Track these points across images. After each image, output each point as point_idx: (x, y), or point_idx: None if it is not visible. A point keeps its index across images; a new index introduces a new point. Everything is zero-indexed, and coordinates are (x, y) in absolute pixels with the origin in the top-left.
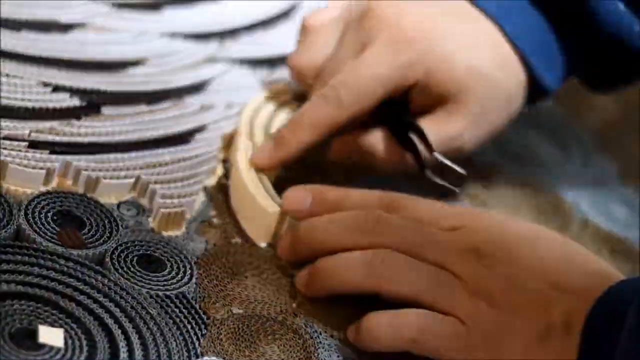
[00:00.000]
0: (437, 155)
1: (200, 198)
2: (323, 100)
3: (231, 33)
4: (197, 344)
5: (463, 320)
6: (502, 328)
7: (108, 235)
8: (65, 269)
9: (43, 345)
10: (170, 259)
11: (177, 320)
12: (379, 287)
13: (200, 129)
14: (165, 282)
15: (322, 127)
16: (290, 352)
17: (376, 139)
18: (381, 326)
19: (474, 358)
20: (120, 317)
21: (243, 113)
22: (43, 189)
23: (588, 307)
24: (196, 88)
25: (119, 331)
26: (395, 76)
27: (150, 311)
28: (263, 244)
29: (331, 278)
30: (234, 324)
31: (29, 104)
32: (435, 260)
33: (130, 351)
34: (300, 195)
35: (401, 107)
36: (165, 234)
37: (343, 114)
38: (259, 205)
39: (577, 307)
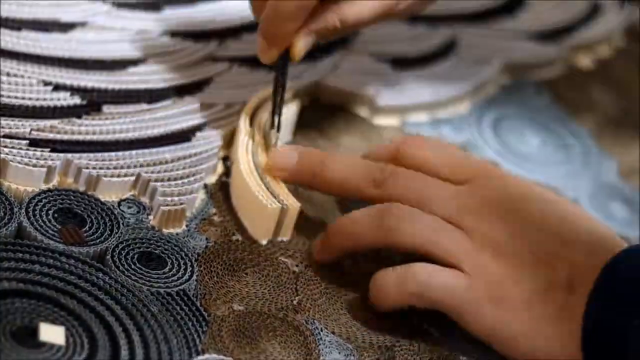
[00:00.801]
0: (273, 133)
1: (201, 196)
2: None
3: (231, 32)
4: (198, 341)
5: (468, 272)
6: (506, 279)
7: (109, 232)
8: (67, 266)
9: (44, 343)
10: (171, 257)
11: (178, 317)
12: (387, 239)
13: (200, 127)
14: (166, 280)
15: (299, 12)
16: (291, 348)
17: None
18: (389, 282)
19: (477, 309)
20: (121, 314)
21: (243, 111)
22: (44, 187)
23: (594, 269)
24: (196, 86)
25: (120, 329)
26: None
27: (151, 309)
28: (264, 241)
29: (343, 236)
30: (234, 321)
31: (30, 103)
32: (443, 213)
33: (131, 349)
34: (288, 155)
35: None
36: (165, 231)
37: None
38: (260, 202)
39: (582, 267)
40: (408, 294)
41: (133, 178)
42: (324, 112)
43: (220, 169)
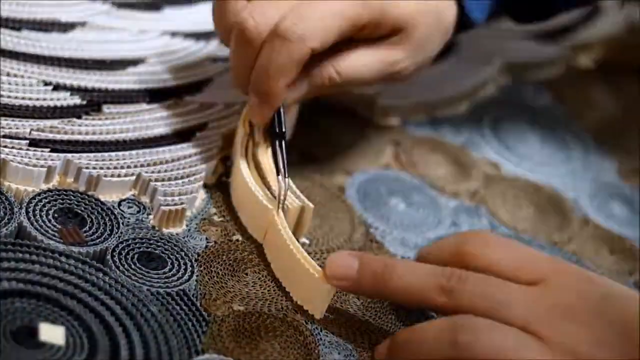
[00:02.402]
0: (280, 180)
1: (201, 196)
2: (282, 39)
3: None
4: (198, 341)
5: None
6: None
7: (109, 232)
8: (67, 266)
9: (44, 343)
10: (171, 257)
11: (178, 317)
12: (462, 356)
13: (200, 127)
14: (166, 280)
15: (291, 70)
16: (291, 348)
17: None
18: None
19: None
20: (121, 314)
21: (243, 111)
22: (44, 186)
23: None
24: (196, 86)
25: (120, 329)
26: (354, 12)
27: (151, 309)
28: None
29: (411, 350)
30: (234, 321)
31: (30, 103)
32: (518, 319)
33: (131, 349)
34: (347, 262)
35: (278, 117)
36: (166, 231)
37: (304, 47)
38: (260, 202)
39: None
40: None
41: (133, 178)
42: (324, 113)
43: (220, 169)
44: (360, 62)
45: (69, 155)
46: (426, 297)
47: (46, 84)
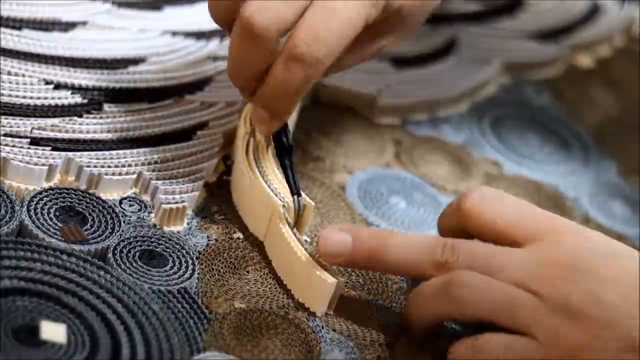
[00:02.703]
0: (295, 200)
1: (202, 194)
2: (299, 63)
3: None
4: (199, 338)
5: (541, 340)
6: (584, 344)
7: (110, 231)
8: (68, 264)
9: (45, 342)
10: (172, 255)
11: (180, 315)
12: (456, 311)
13: (201, 126)
14: (167, 278)
15: (305, 90)
16: (292, 346)
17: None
18: (462, 356)
19: None
20: (123, 312)
21: (244, 110)
22: (45, 185)
23: None
24: (197, 85)
25: (122, 327)
26: (362, 17)
27: (153, 306)
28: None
29: (414, 312)
30: (236, 319)
31: (31, 102)
32: (512, 280)
33: (133, 347)
34: (340, 238)
35: (284, 131)
36: (167, 229)
37: (322, 69)
38: (261, 201)
39: None
40: None
41: (134, 176)
42: (325, 112)
43: (221, 167)
44: (350, 61)
45: (70, 153)
46: (421, 270)
47: (47, 82)
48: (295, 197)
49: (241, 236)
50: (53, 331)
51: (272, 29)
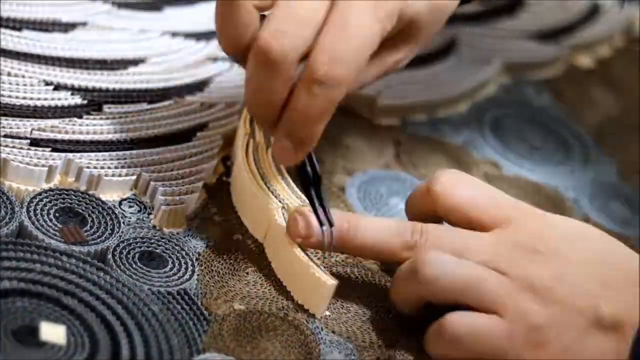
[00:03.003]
0: (327, 230)
1: (202, 195)
2: (320, 85)
3: None
4: (198, 340)
5: (507, 317)
6: (546, 324)
7: (110, 232)
8: (68, 265)
9: (45, 343)
10: (172, 256)
11: (179, 316)
12: (424, 292)
13: (201, 127)
14: (166, 279)
15: (329, 112)
16: (292, 348)
17: None
18: (432, 335)
19: (518, 355)
20: (122, 313)
21: (244, 111)
22: (45, 186)
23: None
24: (197, 86)
25: (121, 328)
26: (378, 32)
27: (152, 308)
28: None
29: (393, 290)
30: (235, 320)
31: (31, 102)
32: (479, 260)
33: (132, 348)
34: (312, 222)
35: (310, 161)
36: (166, 230)
37: (344, 89)
38: (260, 202)
39: (629, 304)
40: (445, 344)
41: (134, 178)
42: None
43: (220, 168)
44: (370, 76)
45: (70, 154)
46: (391, 253)
47: (47, 83)
48: (327, 227)
49: (241, 238)
50: (53, 332)
51: (290, 54)
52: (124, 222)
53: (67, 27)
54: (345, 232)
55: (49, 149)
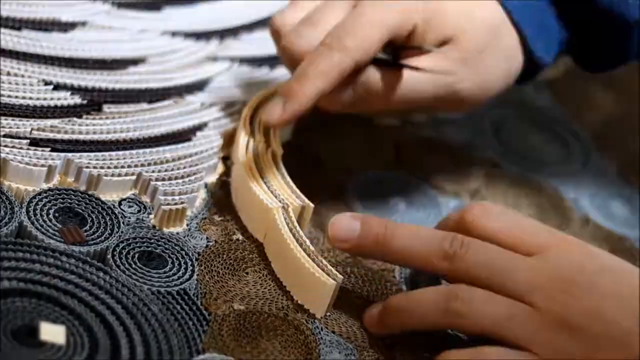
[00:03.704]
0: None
1: (202, 195)
2: (328, 49)
3: (232, 32)
4: (198, 340)
5: (540, 355)
6: (584, 359)
7: (109, 232)
8: (67, 265)
9: (44, 343)
10: (172, 256)
11: (179, 316)
12: (454, 324)
13: (201, 127)
14: (166, 279)
15: (330, 75)
16: (292, 348)
17: (369, 73)
18: None
19: None
20: (122, 313)
21: (244, 111)
22: (45, 186)
23: None
24: (197, 86)
25: (121, 328)
26: (396, 20)
27: (152, 308)
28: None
29: (406, 316)
30: (235, 320)
31: (30, 102)
32: (515, 289)
33: (132, 348)
34: (349, 225)
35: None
36: (166, 230)
37: (349, 60)
38: (260, 202)
39: None
40: None
41: (134, 177)
42: (325, 113)
43: (220, 168)
44: (413, 76)
45: (70, 154)
46: (428, 261)
47: (47, 83)
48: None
49: (240, 237)
50: (52, 332)
51: (303, 49)
52: (123, 222)
53: (66, 26)
54: (382, 236)
55: (49, 148)
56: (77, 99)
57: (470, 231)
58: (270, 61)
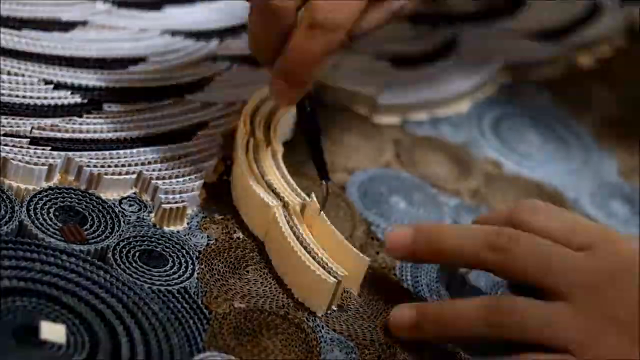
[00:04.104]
0: (323, 185)
1: (202, 194)
2: (317, 28)
3: (231, 31)
4: (199, 338)
5: (583, 355)
6: (624, 353)
7: (110, 230)
8: (68, 264)
9: (45, 342)
10: (172, 255)
11: (179, 315)
12: (495, 334)
13: (201, 126)
14: (167, 278)
15: (326, 54)
16: (292, 346)
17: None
18: None
19: None
20: (122, 312)
21: (244, 110)
22: (45, 185)
23: None
24: (197, 85)
25: (121, 327)
26: None
27: (152, 306)
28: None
29: (443, 325)
30: (235, 319)
31: (31, 101)
32: (563, 285)
33: (132, 347)
34: (403, 232)
35: (314, 118)
36: (167, 229)
37: (341, 34)
38: (260, 200)
39: None
40: None
41: (134, 176)
42: (325, 111)
43: (220, 167)
44: (373, 21)
45: (70, 153)
46: (478, 255)
47: (47, 82)
48: (323, 182)
49: (241, 236)
50: (53, 331)
51: (290, 6)
52: (124, 221)
53: (67, 26)
54: (434, 235)
55: (49, 147)
56: (77, 98)
57: (521, 226)
58: None
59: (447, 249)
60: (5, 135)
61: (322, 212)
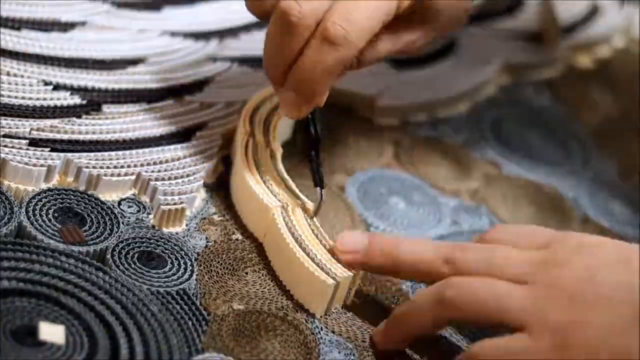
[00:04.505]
0: (318, 192)
1: (201, 195)
2: (330, 44)
3: (232, 32)
4: (197, 340)
5: (533, 329)
6: (576, 321)
7: (109, 232)
8: (67, 265)
9: (44, 343)
10: (171, 256)
11: (178, 316)
12: (450, 313)
13: (200, 127)
14: (166, 279)
15: (337, 69)
16: (291, 347)
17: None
18: None
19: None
20: (121, 313)
21: (243, 111)
22: (44, 186)
23: None
24: (196, 86)
25: (120, 328)
26: (395, 5)
27: (151, 308)
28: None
29: (406, 322)
30: (234, 320)
31: (30, 102)
32: (514, 273)
33: (131, 348)
34: (357, 238)
35: (313, 122)
36: (165, 230)
37: (353, 51)
38: (260, 202)
39: None
40: None
41: (133, 177)
42: (325, 112)
43: (220, 168)
44: (383, 49)
45: (69, 154)
46: (432, 269)
47: (46, 83)
48: (318, 189)
49: (240, 237)
50: (52, 332)
51: (308, 18)
52: (123, 222)
53: (66, 26)
54: (389, 247)
55: (48, 148)
56: (76, 99)
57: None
58: None
59: (402, 261)
60: (4, 136)
61: (315, 218)
